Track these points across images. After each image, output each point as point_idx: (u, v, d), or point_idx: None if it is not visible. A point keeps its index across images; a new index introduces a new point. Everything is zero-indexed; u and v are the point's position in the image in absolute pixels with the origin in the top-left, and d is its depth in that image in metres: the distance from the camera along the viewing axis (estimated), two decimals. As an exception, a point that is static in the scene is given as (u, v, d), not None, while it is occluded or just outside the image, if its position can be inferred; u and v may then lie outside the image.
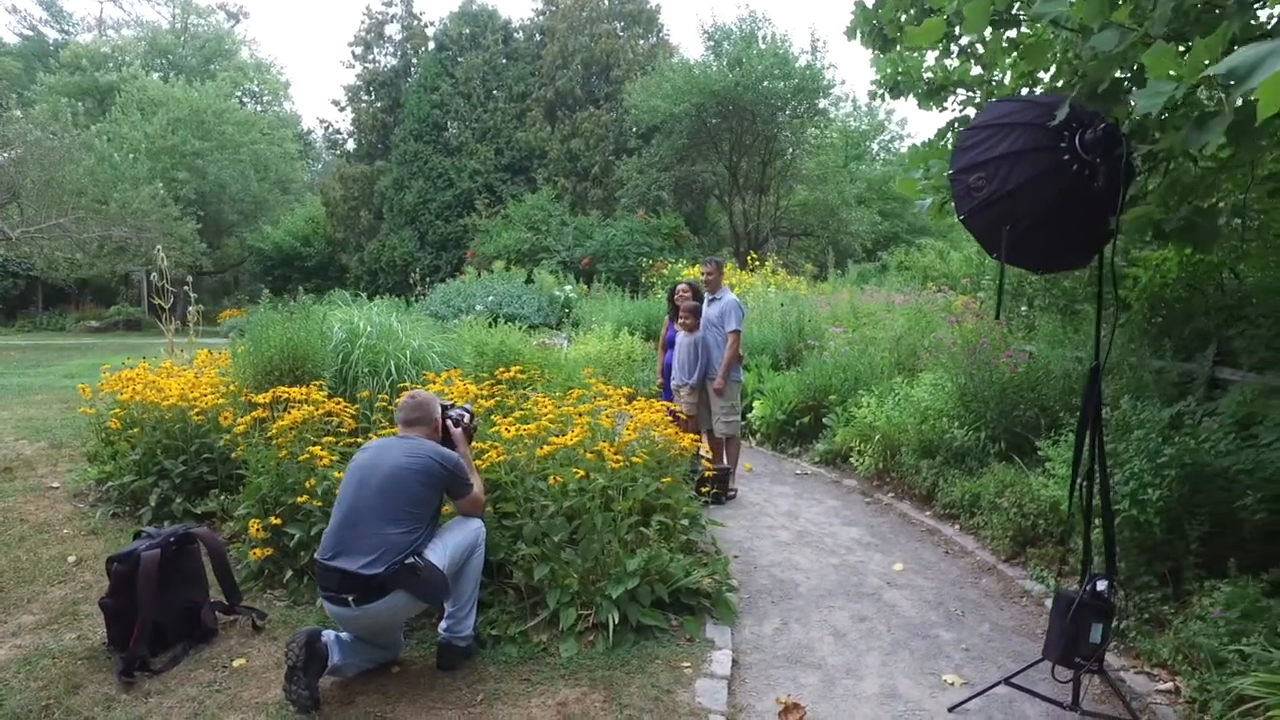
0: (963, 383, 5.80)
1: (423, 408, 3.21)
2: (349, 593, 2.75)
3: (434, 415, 3.24)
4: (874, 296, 11.26)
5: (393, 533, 2.81)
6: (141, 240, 17.12)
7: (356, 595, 2.74)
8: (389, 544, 2.78)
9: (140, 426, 4.70)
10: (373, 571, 2.73)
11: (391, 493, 2.87)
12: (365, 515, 2.83)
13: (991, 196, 2.89)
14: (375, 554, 2.76)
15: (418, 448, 3.02)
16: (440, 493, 3.03)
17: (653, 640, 3.30)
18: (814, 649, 3.40)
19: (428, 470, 2.96)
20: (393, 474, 2.91)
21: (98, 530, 4.35)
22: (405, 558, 2.79)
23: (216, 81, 24.74)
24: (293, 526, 3.71)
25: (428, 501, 2.95)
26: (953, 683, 3.11)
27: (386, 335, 5.25)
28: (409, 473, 2.92)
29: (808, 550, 4.70)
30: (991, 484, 4.86)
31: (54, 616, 3.33)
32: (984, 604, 3.92)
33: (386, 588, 2.75)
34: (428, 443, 3.09)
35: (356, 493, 2.90)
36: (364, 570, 2.73)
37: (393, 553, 2.77)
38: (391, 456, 2.97)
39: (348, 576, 2.74)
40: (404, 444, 3.05)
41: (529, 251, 16.25)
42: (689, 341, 5.71)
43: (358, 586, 2.74)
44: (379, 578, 2.74)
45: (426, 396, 3.28)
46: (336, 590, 2.78)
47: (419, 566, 2.81)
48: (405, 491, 2.89)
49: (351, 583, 2.74)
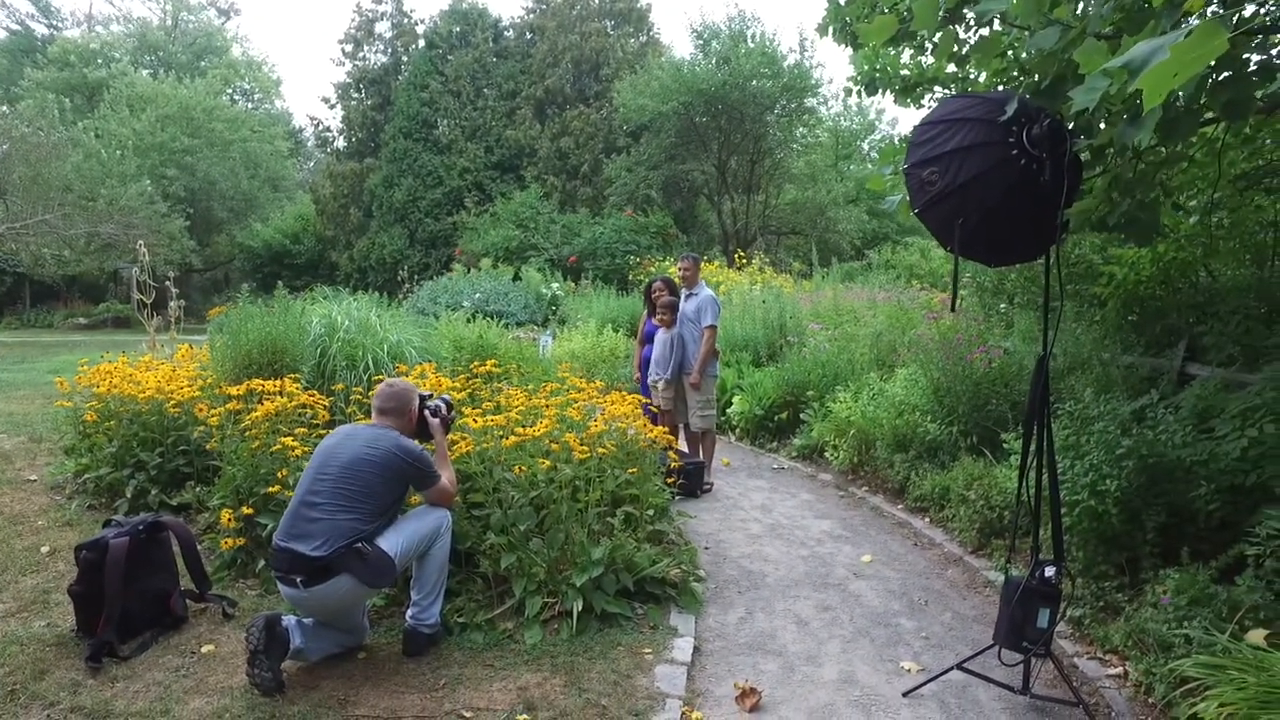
0: (936, 378, 5.88)
1: (398, 397, 3.23)
2: (297, 574, 2.81)
3: (409, 406, 3.25)
4: (857, 294, 11.34)
5: (343, 519, 2.86)
6: (130, 237, 17.03)
7: (304, 577, 2.80)
8: (338, 530, 2.84)
9: (117, 419, 4.73)
10: (318, 554, 2.79)
11: (347, 480, 2.91)
12: (320, 500, 2.88)
13: (944, 190, 2.95)
14: (323, 538, 2.81)
15: (381, 439, 3.05)
16: (402, 486, 3.06)
17: (616, 628, 3.35)
18: (776, 637, 3.46)
19: (387, 463, 2.99)
20: (351, 463, 2.95)
21: (73, 522, 4.38)
22: (353, 543, 2.84)
23: (207, 79, 24.66)
24: (265, 517, 3.75)
25: (384, 493, 2.98)
26: (910, 669, 3.17)
27: (365, 330, 5.29)
28: (367, 464, 2.96)
29: (778, 542, 4.76)
30: (961, 477, 4.93)
31: (24, 605, 3.36)
32: (948, 594, 3.99)
33: (332, 570, 2.80)
34: (392, 434, 3.11)
35: (314, 478, 2.95)
36: (311, 553, 2.79)
37: (341, 538, 2.83)
38: (354, 445, 3.01)
39: (296, 558, 2.80)
40: (369, 433, 3.09)
41: (516, 249, 16.28)
42: (666, 337, 5.77)
43: (305, 568, 2.80)
44: (324, 560, 2.79)
45: (404, 386, 3.30)
46: (286, 571, 2.84)
47: (365, 552, 2.85)
48: (361, 481, 2.93)
49: (299, 564, 2.80)
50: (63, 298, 25.95)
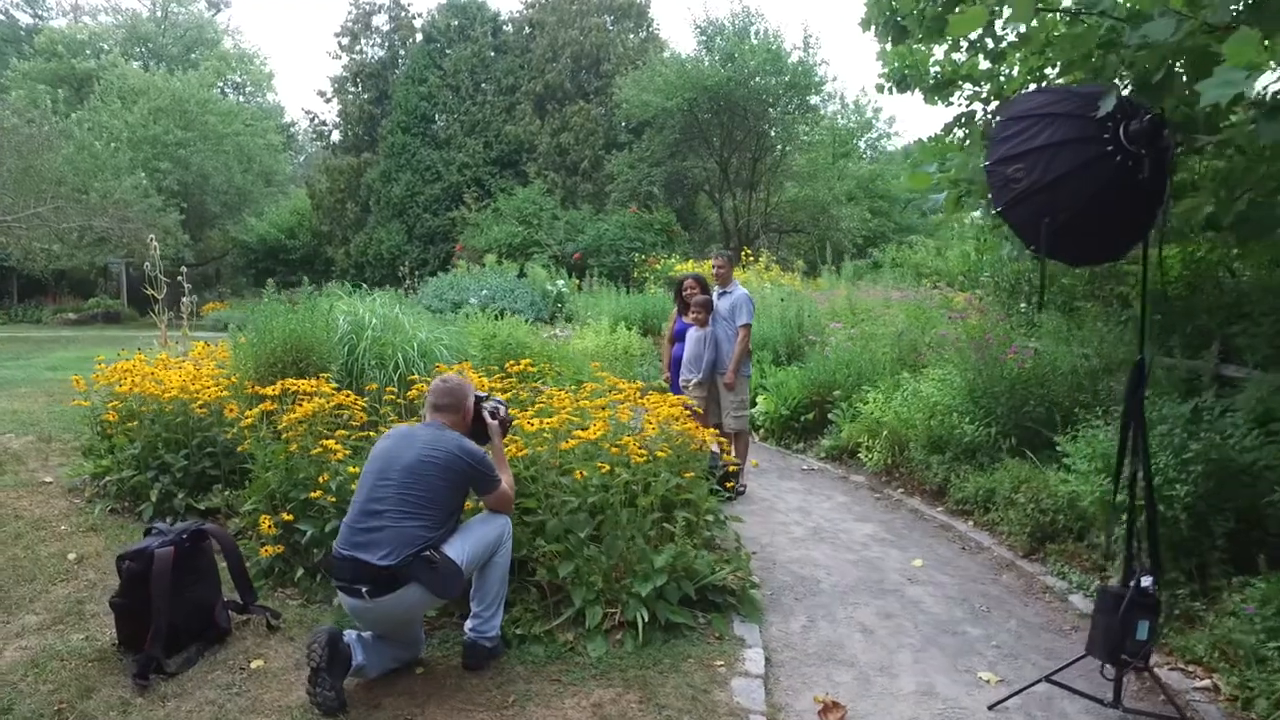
0: (971, 378, 5.79)
1: (454, 393, 3.07)
2: (363, 584, 2.66)
3: (465, 403, 3.10)
4: (870, 293, 11.27)
5: (410, 526, 2.72)
6: (124, 231, 16.71)
7: (370, 587, 2.65)
8: (405, 537, 2.69)
9: (139, 420, 4.54)
10: (387, 563, 2.65)
11: (410, 485, 2.76)
12: (383, 507, 2.74)
13: (1031, 188, 2.84)
14: (390, 546, 2.67)
15: (442, 440, 2.91)
16: (464, 489, 2.92)
17: (682, 639, 3.23)
18: (844, 646, 3.35)
19: (450, 466, 2.84)
20: (414, 467, 2.80)
21: (97, 527, 4.20)
22: (421, 551, 2.70)
23: (200, 71, 24.23)
24: (304, 523, 3.60)
25: (448, 498, 2.85)
26: (989, 680, 3.07)
27: (392, 327, 5.12)
28: (431, 466, 2.81)
29: (824, 546, 4.65)
30: (1006, 480, 4.84)
31: (59, 616, 3.19)
32: (1007, 600, 3.89)
33: (400, 580, 2.66)
34: (453, 435, 2.97)
35: (376, 483, 2.80)
36: (378, 561, 2.65)
37: (408, 546, 2.68)
38: (415, 448, 2.86)
39: (362, 567, 2.66)
40: (428, 434, 2.94)
41: (520, 245, 16.08)
42: (699, 335, 5.64)
43: (372, 578, 2.65)
44: (392, 569, 2.65)
45: (459, 382, 3.14)
46: (350, 581, 2.69)
47: (434, 560, 2.72)
48: (425, 485, 2.78)
49: (365, 573, 2.65)
50: (51, 293, 25.46)
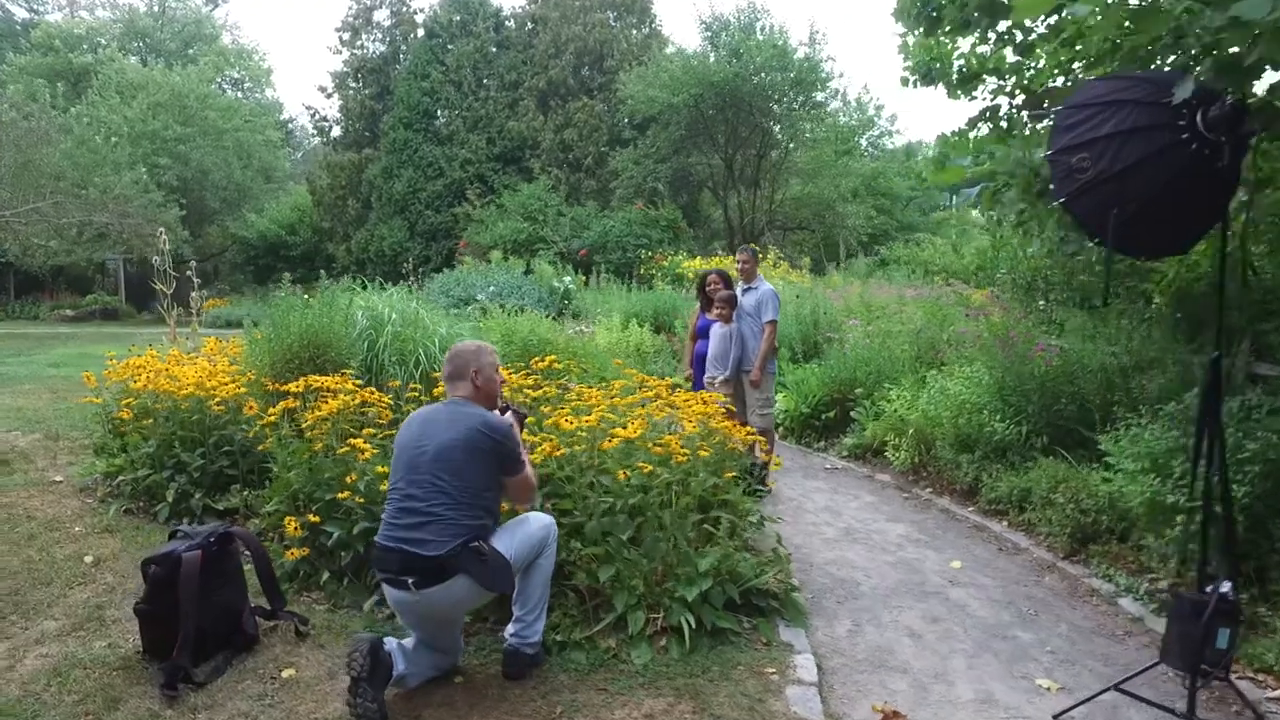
0: (1000, 376, 5.68)
1: (459, 357, 2.86)
2: (409, 575, 2.54)
3: (472, 368, 2.85)
4: (883, 290, 11.17)
5: (454, 516, 2.59)
6: (124, 226, 16.51)
7: (417, 578, 2.53)
8: (449, 528, 2.57)
9: (153, 417, 4.41)
10: (435, 553, 2.53)
11: (444, 474, 2.62)
12: (422, 501, 2.61)
13: (1098, 177, 2.72)
14: (436, 537, 2.55)
15: (460, 416, 2.73)
16: (494, 468, 2.72)
17: (728, 645, 3.11)
18: (894, 652, 3.23)
19: (474, 443, 2.66)
20: (441, 454, 2.64)
21: (112, 528, 4.06)
22: (469, 541, 2.58)
23: (199, 66, 24.00)
24: (330, 524, 3.47)
25: (481, 479, 2.68)
26: (1048, 688, 2.95)
27: (412, 323, 4.99)
28: (457, 450, 2.65)
29: (858, 547, 4.53)
30: (1043, 479, 4.73)
31: (79, 622, 3.05)
32: (1054, 603, 3.78)
33: (449, 571, 2.54)
34: (472, 409, 2.79)
35: (409, 477, 2.66)
36: (427, 552, 2.53)
37: (454, 536, 2.56)
38: (437, 433, 2.69)
39: (409, 558, 2.54)
40: (447, 413, 2.76)
41: (525, 242, 15.93)
42: (724, 332, 5.52)
43: (419, 569, 2.53)
44: (441, 559, 2.53)
45: (466, 345, 2.95)
46: (396, 572, 2.56)
47: (483, 551, 2.60)
48: (456, 472, 2.63)
49: (412, 565, 2.54)
50: (48, 289, 25.22)
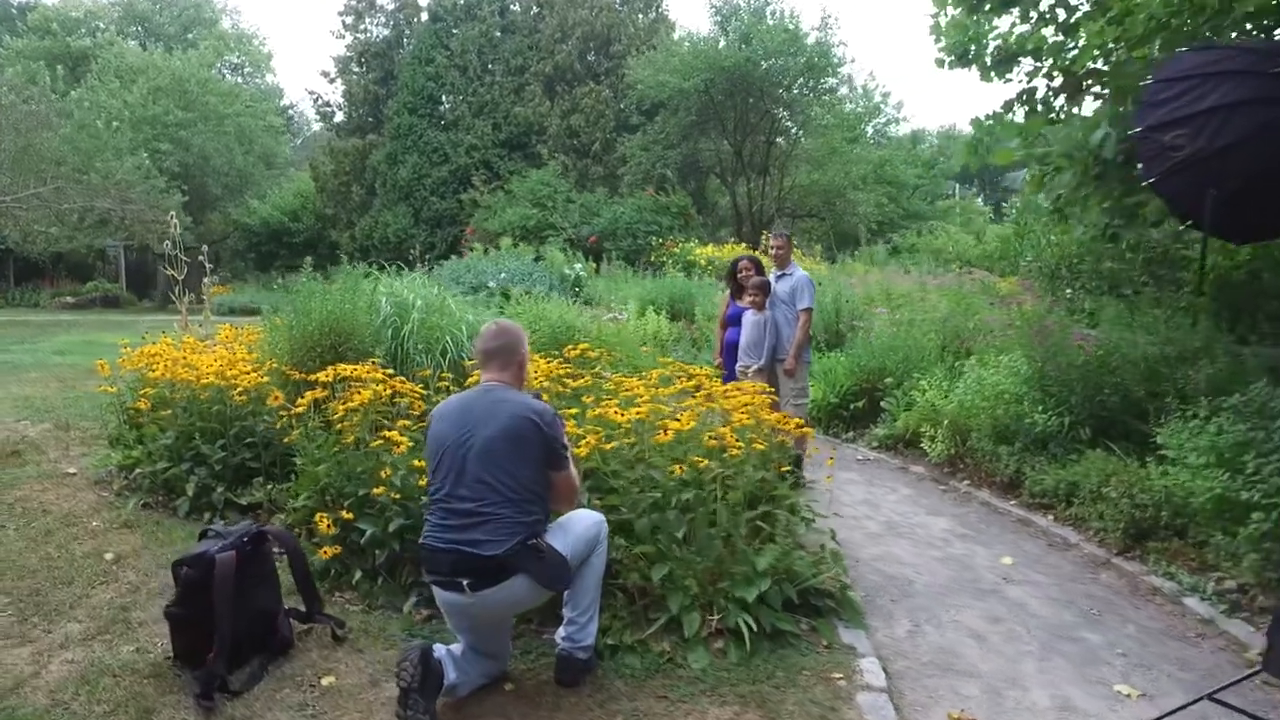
0: (1040, 366, 5.50)
1: (507, 334, 2.67)
2: (464, 576, 2.37)
3: (520, 349, 2.70)
4: (903, 278, 10.98)
5: (508, 513, 2.42)
6: (126, 213, 16.26)
7: (472, 580, 2.37)
8: (505, 525, 2.41)
9: (171, 408, 4.23)
10: (492, 553, 2.36)
11: (493, 471, 2.44)
12: (472, 501, 2.43)
13: (1194, 156, 2.53)
14: (492, 536, 2.39)
15: (502, 402, 2.54)
16: (541, 457, 2.53)
17: (787, 648, 2.95)
18: (959, 654, 3.08)
19: (517, 430, 2.48)
20: (487, 449, 2.45)
21: (131, 523, 3.89)
22: (526, 539, 2.42)
23: (199, 50, 23.66)
24: (364, 522, 3.30)
25: (533, 472, 2.50)
26: (1128, 694, 2.80)
27: (438, 309, 4.81)
28: (503, 442, 2.47)
29: (904, 542, 4.38)
30: (1092, 472, 4.56)
31: (104, 625, 2.89)
32: (1116, 603, 3.62)
33: (507, 571, 2.38)
34: (513, 394, 2.61)
35: (454, 478, 2.47)
36: (484, 552, 2.37)
37: (511, 534, 2.40)
38: (478, 426, 2.49)
39: (464, 558, 2.38)
40: (486, 401, 2.56)
41: (534, 228, 15.71)
42: (758, 320, 5.33)
43: (475, 569, 2.37)
44: (498, 559, 2.36)
45: (511, 324, 2.77)
46: (449, 574, 2.40)
47: (542, 549, 2.44)
48: (505, 467, 2.45)
49: (467, 565, 2.38)
50: (48, 276, 24.98)
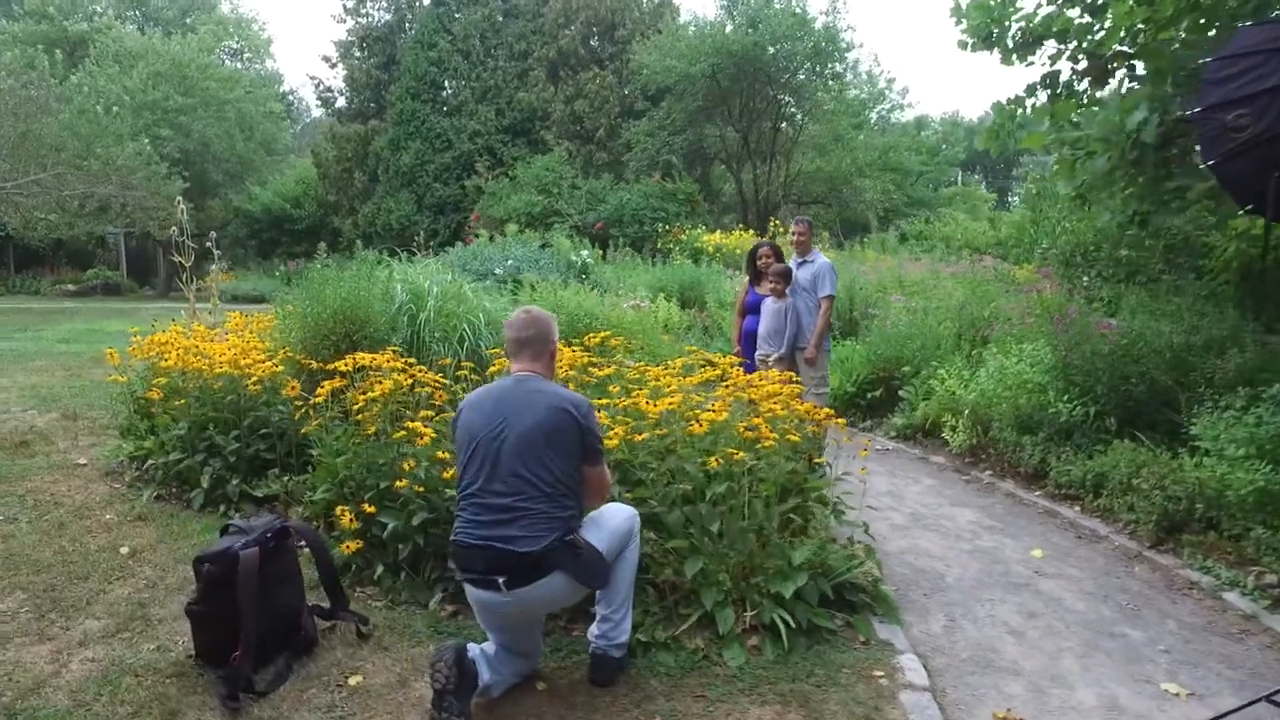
0: (1063, 355, 5.41)
1: (540, 323, 2.60)
2: (499, 574, 2.30)
3: (552, 338, 2.64)
4: (915, 265, 10.88)
5: (544, 508, 2.34)
6: (127, 199, 16.10)
7: (508, 577, 2.30)
8: (541, 520, 2.33)
9: (184, 398, 4.14)
10: (529, 549, 2.29)
11: (529, 464, 2.36)
12: (507, 495, 2.35)
13: (1259, 136, 2.42)
14: (528, 531, 2.31)
15: (538, 393, 2.46)
16: (577, 451, 2.45)
17: (824, 644, 2.88)
18: (998, 650, 3.00)
19: (555, 422, 2.40)
20: (523, 441, 2.37)
21: (144, 515, 3.81)
22: (564, 534, 2.34)
23: (199, 35, 23.39)
24: (387, 515, 3.21)
25: (569, 466, 2.42)
26: (1176, 693, 2.72)
27: (454, 297, 4.71)
28: (540, 434, 2.38)
29: (931, 534, 4.30)
30: (1121, 463, 4.48)
31: (123, 622, 2.81)
32: (1153, 597, 3.55)
33: (544, 568, 2.30)
34: (548, 385, 2.54)
35: (488, 471, 2.38)
36: (520, 548, 2.29)
37: (548, 529, 2.32)
38: (513, 417, 2.41)
39: (499, 555, 2.30)
40: (521, 391, 2.48)
41: (540, 215, 15.56)
42: (778, 308, 5.23)
43: (511, 566, 2.29)
44: (534, 556, 2.29)
45: (540, 312, 2.69)
46: (484, 571, 2.33)
47: (579, 544, 2.37)
48: (542, 461, 2.37)
49: (503, 562, 2.30)
50: (48, 263, 24.85)
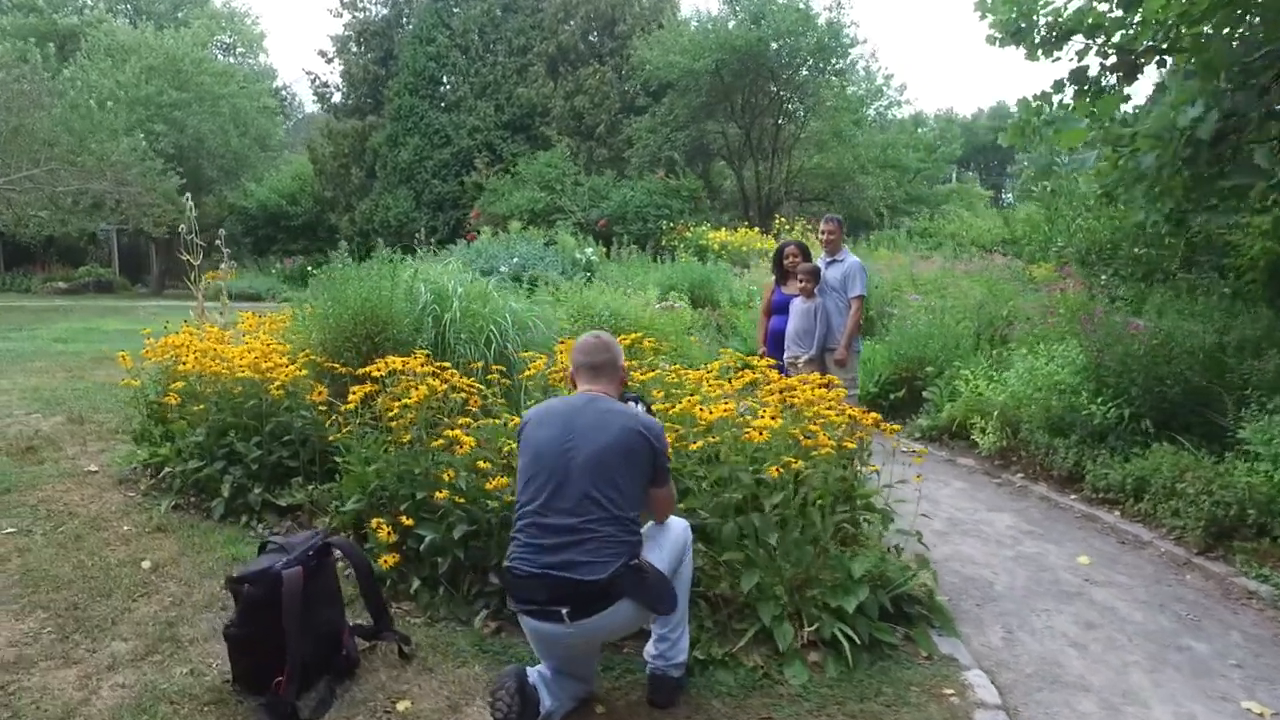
0: (1096, 355, 5.31)
1: (612, 349, 2.53)
2: (563, 604, 2.15)
3: (621, 361, 2.57)
4: (927, 264, 10.80)
5: (611, 531, 2.21)
6: (122, 195, 15.84)
7: (572, 608, 2.15)
8: (611, 545, 2.19)
9: (203, 402, 3.99)
10: (597, 577, 2.14)
11: (600, 484, 2.23)
12: (574, 515, 2.21)
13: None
14: (594, 557, 2.17)
15: (610, 412, 2.35)
16: (646, 474, 2.34)
17: (886, 659, 2.77)
18: (1063, 665, 2.90)
19: (632, 447, 2.28)
20: (596, 459, 2.25)
21: (164, 526, 3.66)
22: (630, 559, 2.21)
23: (193, 29, 23.06)
24: (425, 528, 3.07)
25: (637, 489, 2.31)
26: (1260, 713, 2.62)
27: (478, 297, 4.57)
28: (613, 455, 2.26)
29: (972, 540, 4.20)
30: (1164, 467, 4.38)
31: (152, 643, 2.67)
32: (1211, 607, 3.45)
33: (611, 596, 2.16)
34: (619, 405, 2.44)
35: (553, 487, 2.25)
36: (587, 576, 2.14)
37: (615, 555, 2.18)
38: (586, 434, 2.29)
39: (563, 585, 2.15)
40: (593, 410, 2.36)
41: (542, 211, 15.39)
42: (808, 308, 5.12)
43: (577, 596, 2.15)
44: (600, 584, 2.14)
45: (609, 337, 2.60)
46: (546, 602, 2.17)
47: (645, 568, 2.23)
48: (613, 482, 2.25)
49: (568, 592, 2.15)
50: (40, 261, 24.51)
